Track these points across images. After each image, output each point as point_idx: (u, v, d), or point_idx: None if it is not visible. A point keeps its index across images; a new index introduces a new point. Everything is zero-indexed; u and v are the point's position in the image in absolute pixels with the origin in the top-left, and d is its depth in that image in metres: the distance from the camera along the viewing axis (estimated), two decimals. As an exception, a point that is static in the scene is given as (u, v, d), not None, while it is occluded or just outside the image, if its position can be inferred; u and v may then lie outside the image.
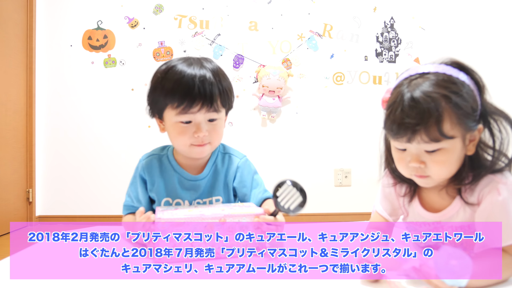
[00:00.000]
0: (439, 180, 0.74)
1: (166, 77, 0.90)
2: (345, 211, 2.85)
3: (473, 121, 0.70)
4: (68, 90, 2.79)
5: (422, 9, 3.00)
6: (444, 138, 0.67)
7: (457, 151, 0.70)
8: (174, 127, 0.92)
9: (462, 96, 0.68)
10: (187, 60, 0.92)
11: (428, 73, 0.71)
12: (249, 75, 2.87)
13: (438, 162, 0.69)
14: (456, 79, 0.70)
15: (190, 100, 0.87)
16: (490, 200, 0.70)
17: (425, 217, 0.80)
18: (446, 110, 0.66)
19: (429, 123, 0.66)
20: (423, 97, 0.66)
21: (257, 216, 0.82)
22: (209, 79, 0.88)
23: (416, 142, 0.68)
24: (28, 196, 2.68)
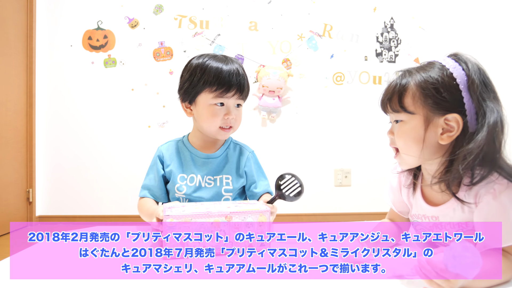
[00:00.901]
0: (406, 156, 0.79)
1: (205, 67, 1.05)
2: (345, 211, 2.85)
3: (441, 107, 0.72)
4: (68, 90, 2.79)
5: (422, 9, 3.01)
6: (403, 111, 0.76)
7: (417, 129, 0.75)
8: (208, 109, 1.07)
9: (433, 78, 0.73)
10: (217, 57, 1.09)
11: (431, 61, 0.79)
12: (249, 75, 2.87)
13: (398, 133, 0.78)
14: (440, 65, 0.75)
15: (228, 87, 1.04)
16: (487, 201, 0.70)
17: (425, 209, 0.83)
18: (411, 88, 0.75)
19: (393, 95, 0.78)
20: (400, 75, 0.79)
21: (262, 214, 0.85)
22: (241, 72, 1.08)
23: (388, 112, 0.81)
24: (28, 196, 2.68)
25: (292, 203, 0.93)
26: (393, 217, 0.96)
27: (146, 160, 1.21)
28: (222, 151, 1.15)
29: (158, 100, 2.81)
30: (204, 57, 1.08)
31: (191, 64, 1.09)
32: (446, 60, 0.76)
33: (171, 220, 0.79)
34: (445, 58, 0.77)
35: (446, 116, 0.72)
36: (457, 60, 0.74)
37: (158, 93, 2.81)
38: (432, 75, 0.74)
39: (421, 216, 0.85)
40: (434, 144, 0.74)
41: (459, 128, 0.71)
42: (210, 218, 0.80)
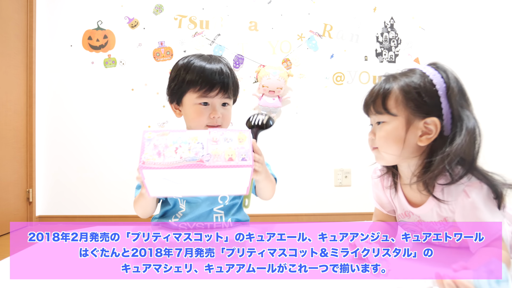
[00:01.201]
0: (385, 154, 0.83)
1: (188, 67, 1.05)
2: (345, 211, 2.85)
3: (421, 110, 0.77)
4: (68, 90, 2.79)
5: (422, 9, 3.01)
6: (386, 112, 0.80)
7: (398, 131, 0.79)
8: (193, 108, 1.06)
9: (415, 83, 0.78)
10: (202, 56, 1.08)
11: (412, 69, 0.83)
12: (249, 75, 2.87)
13: (380, 133, 0.82)
14: (421, 72, 0.80)
15: (211, 86, 1.03)
16: (461, 203, 0.76)
17: (409, 209, 0.88)
18: (394, 91, 0.80)
19: (377, 97, 0.82)
20: (383, 80, 0.83)
21: (241, 132, 0.83)
22: (225, 71, 1.06)
23: (371, 115, 0.85)
24: (28, 196, 2.68)
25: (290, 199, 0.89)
26: (382, 218, 0.98)
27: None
28: None
29: (158, 100, 2.81)
30: (190, 57, 1.08)
31: (176, 65, 1.09)
32: (426, 68, 0.81)
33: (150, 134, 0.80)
34: (425, 67, 0.82)
35: (425, 120, 0.77)
36: (436, 69, 0.80)
37: (158, 93, 2.82)
38: (414, 80, 0.79)
39: (408, 213, 0.89)
40: (413, 145, 0.80)
41: (437, 131, 0.77)
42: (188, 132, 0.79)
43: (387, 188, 0.93)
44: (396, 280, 0.67)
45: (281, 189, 2.89)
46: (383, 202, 0.95)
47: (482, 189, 0.75)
